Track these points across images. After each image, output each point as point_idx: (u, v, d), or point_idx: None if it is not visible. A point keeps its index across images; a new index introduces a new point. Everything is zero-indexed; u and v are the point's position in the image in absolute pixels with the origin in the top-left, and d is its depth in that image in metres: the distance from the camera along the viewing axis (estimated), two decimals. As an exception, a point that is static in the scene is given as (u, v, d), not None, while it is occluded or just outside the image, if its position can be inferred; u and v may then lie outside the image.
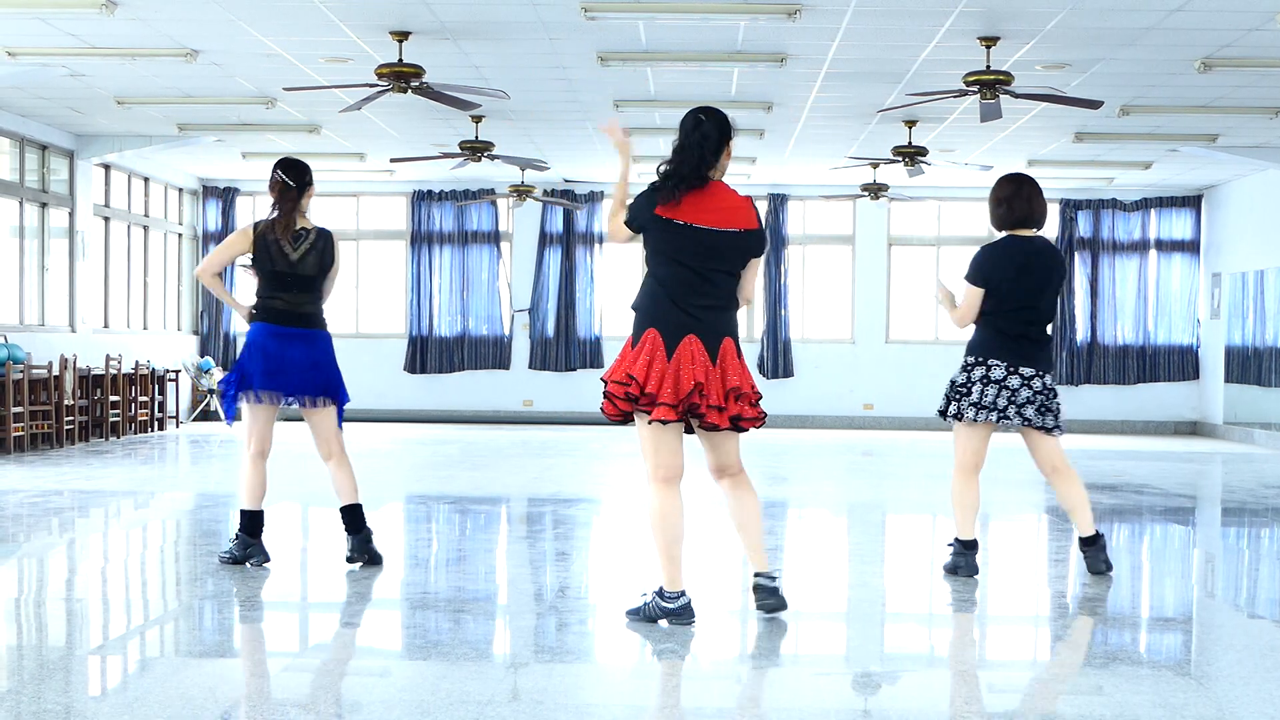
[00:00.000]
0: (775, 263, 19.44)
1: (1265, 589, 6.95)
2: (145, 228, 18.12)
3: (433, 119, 14.07)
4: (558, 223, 19.64)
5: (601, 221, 19.62)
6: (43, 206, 15.33)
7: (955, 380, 6.50)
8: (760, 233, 5.39)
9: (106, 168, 16.81)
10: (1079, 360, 19.38)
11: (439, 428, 18.33)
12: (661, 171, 5.37)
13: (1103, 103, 11.15)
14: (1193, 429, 19.45)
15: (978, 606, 6.22)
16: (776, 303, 19.41)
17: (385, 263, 19.79)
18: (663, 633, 5.27)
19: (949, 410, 6.51)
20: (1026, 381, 6.37)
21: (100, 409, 15.54)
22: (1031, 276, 6.40)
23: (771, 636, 5.33)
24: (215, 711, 4.13)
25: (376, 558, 6.76)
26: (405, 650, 5.16)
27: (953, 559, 6.65)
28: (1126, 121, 13.90)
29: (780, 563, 6.94)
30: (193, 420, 18.93)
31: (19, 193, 14.78)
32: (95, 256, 16.55)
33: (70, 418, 14.63)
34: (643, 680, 4.78)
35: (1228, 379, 18.38)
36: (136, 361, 16.56)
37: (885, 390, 19.51)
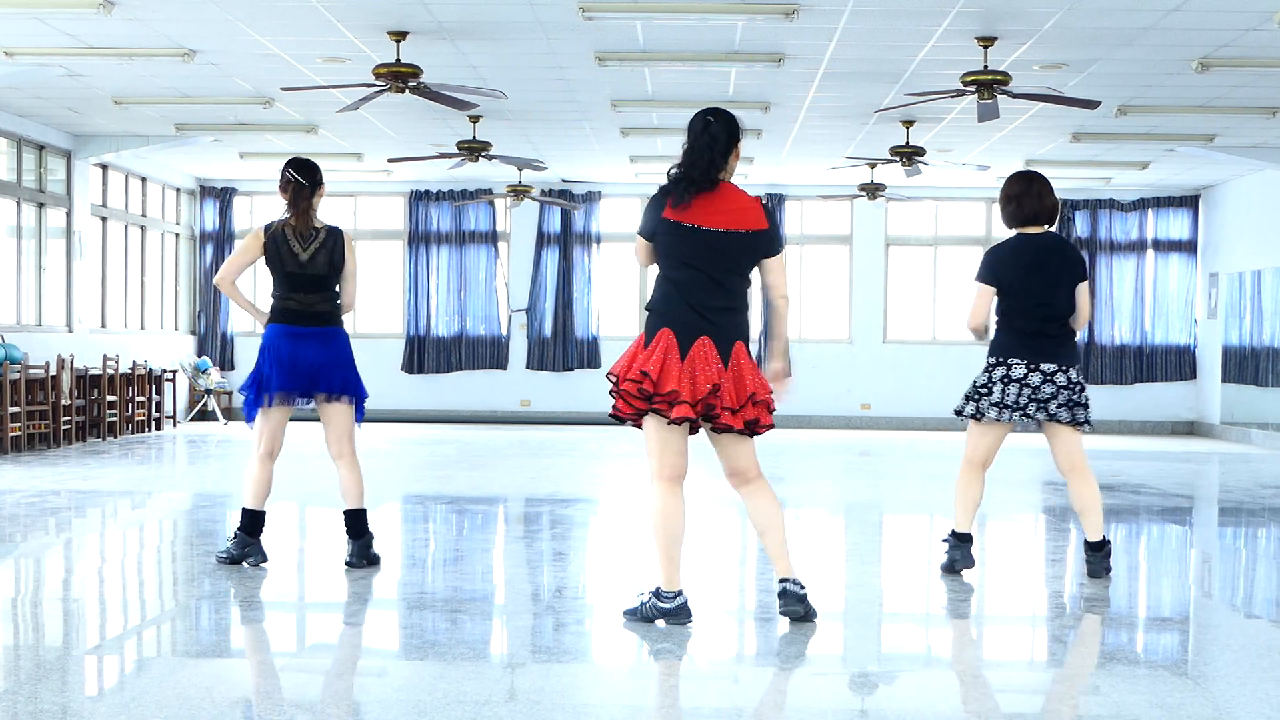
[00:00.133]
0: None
1: (1262, 589, 6.96)
2: (143, 228, 18.12)
3: (430, 119, 14.07)
4: (555, 223, 19.65)
5: (598, 222, 19.65)
6: (40, 206, 15.33)
7: (976, 381, 6.50)
8: (769, 233, 5.36)
9: (104, 168, 16.81)
10: (1076, 360, 19.39)
11: (436, 428, 18.33)
12: (671, 175, 5.33)
13: (1100, 103, 11.16)
14: (1190, 429, 19.47)
15: (975, 607, 6.22)
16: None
17: (383, 263, 19.79)
18: (660, 633, 5.28)
19: (966, 410, 6.49)
20: (1049, 377, 6.36)
21: (97, 409, 15.54)
22: (1042, 273, 6.40)
23: (768, 637, 5.33)
24: (212, 711, 4.12)
25: (375, 561, 6.77)
26: (402, 650, 5.16)
27: (948, 554, 6.67)
28: (1124, 121, 13.91)
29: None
30: (190, 420, 18.93)
31: (16, 193, 14.77)
32: (92, 256, 16.54)
33: (67, 418, 14.63)
34: (640, 680, 4.78)
35: (1225, 379, 18.39)
36: (134, 361, 16.56)
37: (882, 390, 19.52)
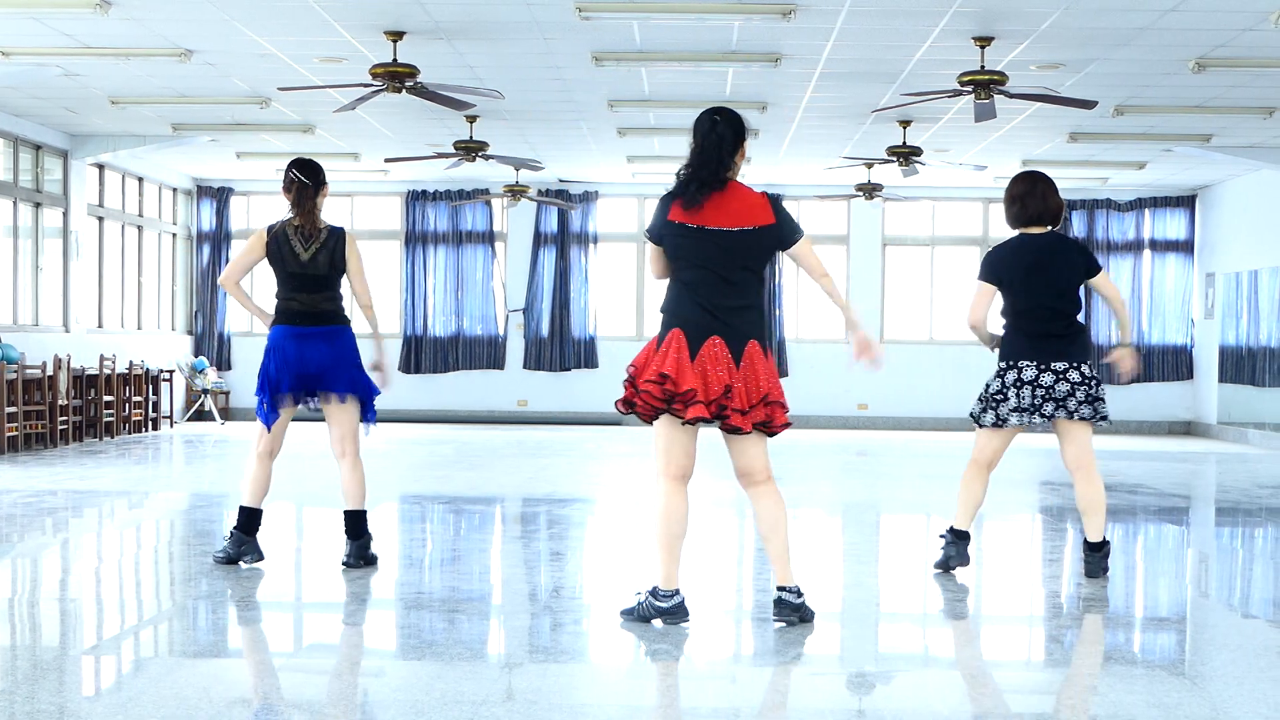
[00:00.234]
0: (770, 262, 19.45)
1: (1259, 589, 6.96)
2: (139, 228, 18.11)
3: (427, 119, 14.06)
4: (552, 223, 19.64)
5: (596, 222, 19.65)
6: (37, 206, 15.32)
7: (990, 387, 6.48)
8: (777, 227, 5.31)
9: (101, 167, 16.80)
10: (1073, 360, 19.40)
11: (434, 428, 18.32)
12: (681, 176, 5.29)
13: (1097, 103, 11.17)
14: (1187, 429, 19.48)
15: (973, 607, 6.22)
16: (770, 302, 19.41)
17: (380, 263, 19.76)
18: (657, 633, 5.27)
19: (985, 419, 6.45)
20: (1061, 375, 6.35)
21: (94, 409, 15.53)
22: (1044, 273, 6.38)
23: (766, 637, 5.33)
24: (210, 712, 4.12)
25: (372, 561, 6.77)
26: (400, 650, 5.16)
27: (944, 550, 6.68)
28: (1121, 121, 13.92)
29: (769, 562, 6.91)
30: (187, 420, 18.91)
31: (13, 192, 14.76)
32: (89, 256, 16.53)
33: (64, 418, 14.62)
34: (638, 680, 4.78)
35: (1222, 379, 18.40)
36: (131, 361, 16.55)
37: (880, 390, 19.52)
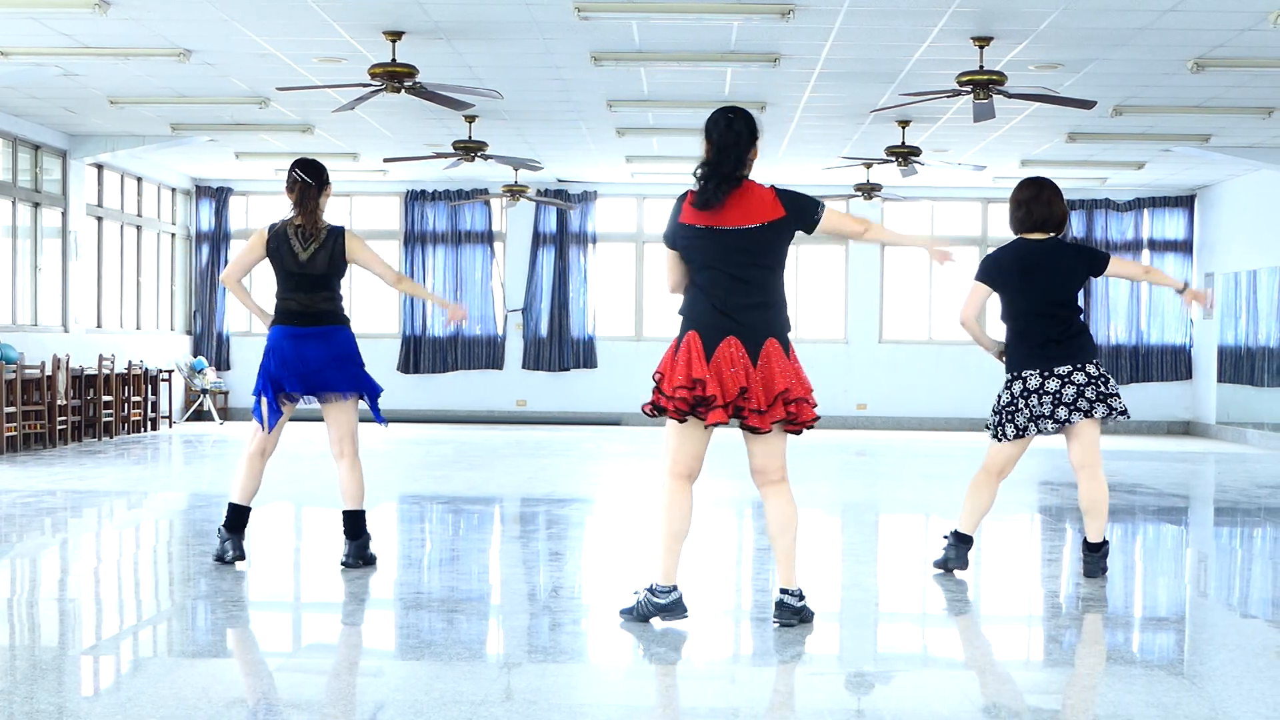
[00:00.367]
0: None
1: (1258, 589, 6.97)
2: (138, 228, 18.10)
3: (426, 119, 14.06)
4: (551, 223, 19.64)
5: (594, 221, 19.65)
6: (35, 206, 15.31)
7: (1001, 399, 6.47)
8: (788, 219, 5.25)
9: (100, 167, 16.79)
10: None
11: (432, 428, 18.32)
12: (700, 175, 5.25)
13: (1096, 103, 11.17)
14: (1185, 429, 19.49)
15: (972, 607, 6.23)
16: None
17: (379, 263, 19.74)
18: (657, 633, 5.27)
19: (1007, 433, 6.43)
20: (1067, 379, 6.33)
21: (93, 409, 15.52)
22: (1039, 278, 6.37)
23: (765, 637, 5.33)
24: (209, 712, 4.12)
25: (371, 561, 6.77)
26: (399, 650, 5.16)
27: (945, 551, 6.69)
28: (1119, 121, 13.92)
29: (772, 562, 6.91)
30: (186, 420, 18.91)
31: (12, 192, 14.76)
32: (88, 256, 16.52)
33: (63, 418, 14.61)
34: (637, 680, 4.78)
35: (1220, 379, 18.41)
36: (129, 361, 16.54)
37: (879, 390, 19.53)
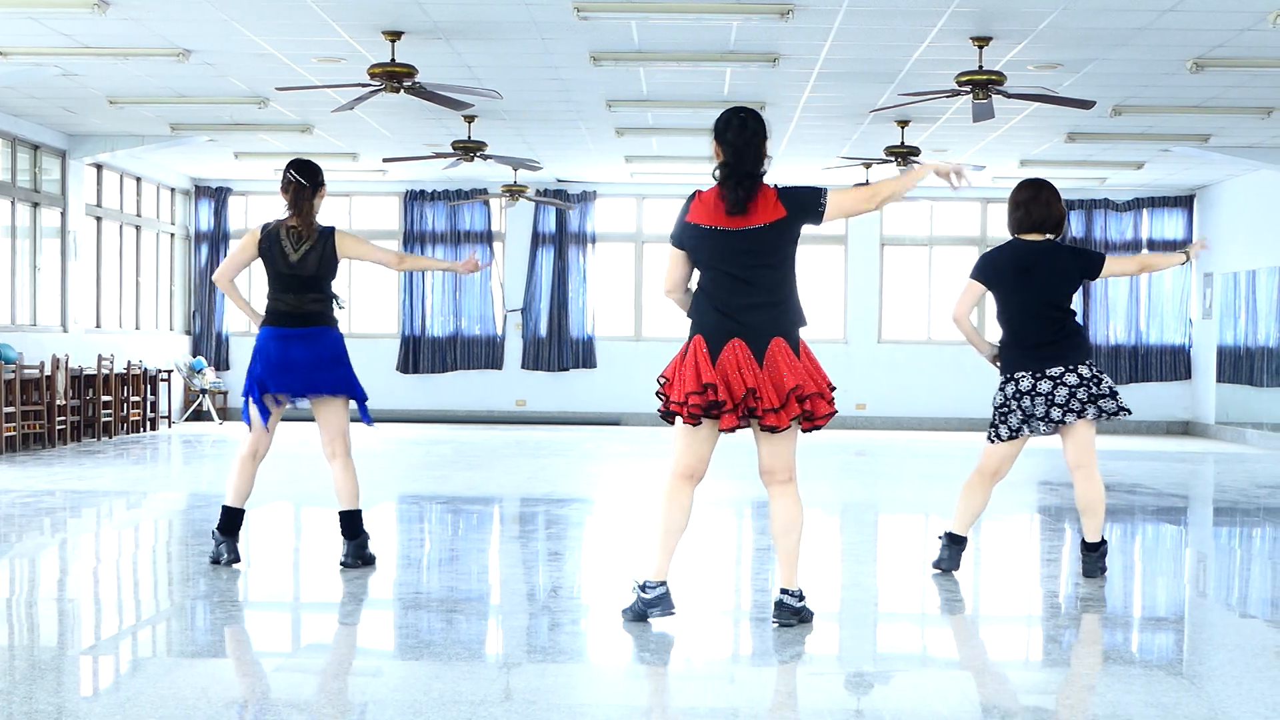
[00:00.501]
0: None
1: (1257, 589, 6.97)
2: (137, 228, 18.10)
3: (425, 119, 14.06)
4: (550, 223, 19.64)
5: (594, 222, 19.65)
6: (35, 206, 15.31)
7: (995, 403, 6.49)
8: (791, 218, 5.23)
9: (99, 167, 16.79)
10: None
11: (432, 428, 18.32)
12: (721, 177, 5.22)
13: (1095, 103, 11.17)
14: (1185, 429, 19.49)
15: (971, 607, 6.23)
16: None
17: (378, 263, 19.73)
18: (656, 633, 5.28)
19: (1001, 434, 6.43)
20: (1059, 380, 6.33)
21: (92, 409, 15.52)
22: (1033, 279, 6.37)
23: (764, 637, 5.33)
24: (208, 712, 4.12)
25: (370, 561, 6.77)
26: (398, 650, 5.16)
27: (939, 552, 6.71)
28: (1119, 121, 13.92)
29: (772, 562, 6.92)
30: (185, 420, 18.91)
31: (11, 192, 14.75)
32: (87, 256, 16.52)
33: (62, 418, 14.61)
34: (636, 680, 4.78)
35: (1220, 379, 18.41)
36: (129, 361, 16.54)
37: (878, 390, 19.52)
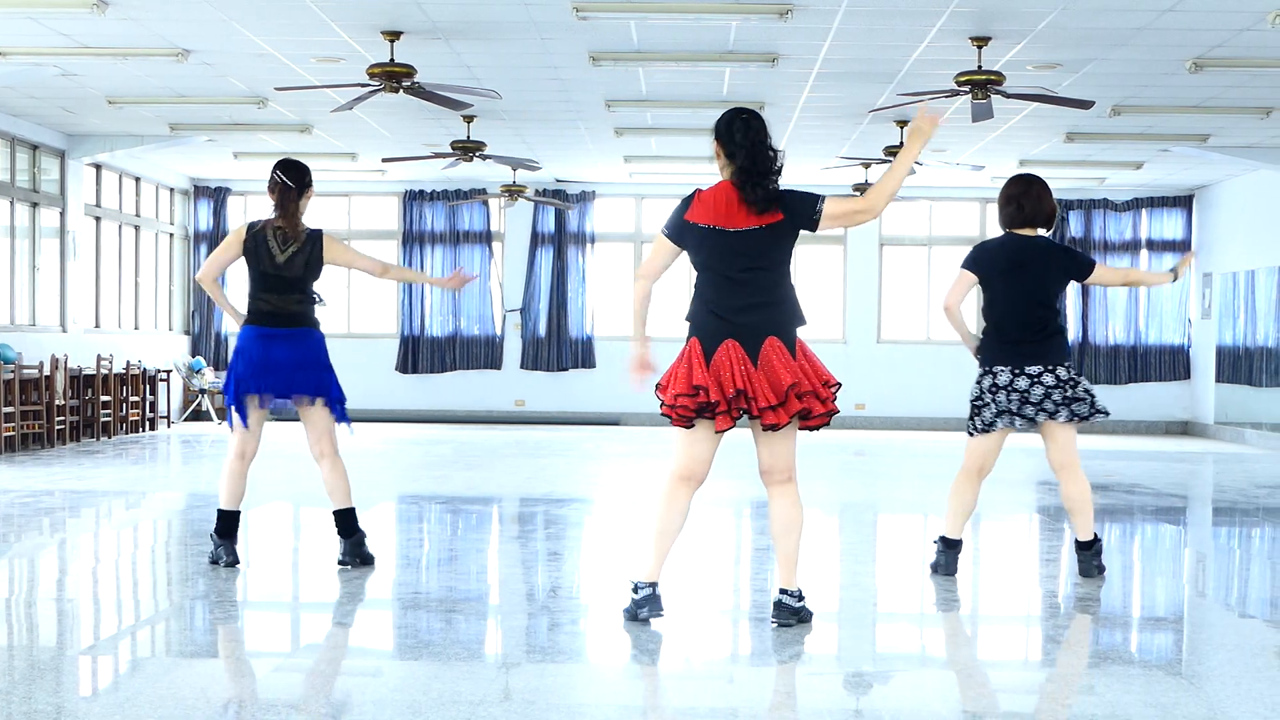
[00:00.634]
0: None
1: (1256, 589, 6.97)
2: (136, 227, 18.09)
3: (424, 119, 14.06)
4: (549, 223, 19.63)
5: (593, 221, 19.64)
6: (34, 206, 15.30)
7: (971, 395, 6.51)
8: (786, 221, 5.22)
9: (98, 167, 16.78)
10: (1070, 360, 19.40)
11: (431, 428, 18.32)
12: (739, 180, 5.19)
13: (1094, 103, 11.17)
14: (1184, 429, 19.49)
15: (970, 607, 6.23)
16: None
17: (377, 263, 19.72)
18: (655, 633, 5.27)
19: (976, 426, 6.46)
20: (1036, 379, 6.35)
21: (91, 409, 15.52)
22: (1023, 274, 6.39)
23: (764, 637, 5.33)
24: (207, 712, 4.12)
25: (369, 559, 6.76)
26: (397, 650, 5.16)
27: (935, 557, 6.70)
28: (1118, 121, 13.92)
29: (772, 562, 6.92)
30: (184, 420, 18.90)
31: (10, 192, 14.75)
32: (86, 256, 16.52)
33: (61, 418, 14.60)
34: (635, 680, 4.78)
35: (1219, 379, 18.41)
36: (128, 361, 16.53)
37: (877, 390, 19.52)
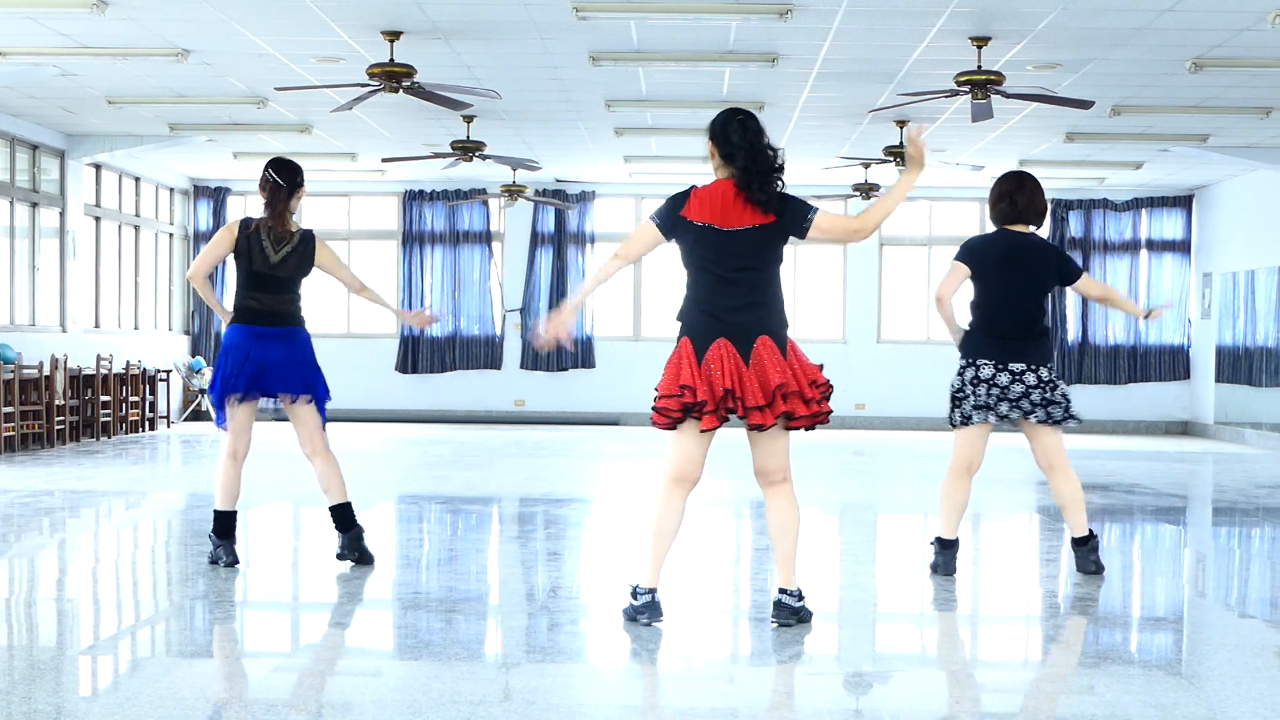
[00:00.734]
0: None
1: (1256, 589, 6.97)
2: (136, 228, 18.09)
3: (424, 119, 14.06)
4: (549, 222, 19.63)
5: (593, 222, 19.63)
6: (33, 206, 15.30)
7: (952, 386, 6.51)
8: (780, 223, 5.22)
9: (97, 167, 16.78)
10: (1070, 360, 19.42)
11: (431, 428, 18.32)
12: (743, 181, 5.19)
13: (1094, 103, 11.17)
14: (1184, 429, 19.49)
15: (969, 606, 6.23)
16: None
17: (377, 263, 19.76)
18: (654, 633, 5.27)
19: (954, 418, 6.49)
20: (1017, 377, 6.36)
21: (91, 409, 15.51)
22: (1014, 270, 6.39)
23: (763, 637, 5.33)
24: (206, 712, 4.12)
25: (367, 556, 6.74)
26: (397, 650, 5.16)
27: (933, 558, 6.70)
28: (1117, 121, 13.92)
29: (771, 562, 6.92)
30: (184, 420, 18.90)
31: (10, 192, 14.74)
32: (86, 256, 16.51)
33: (61, 418, 14.60)
34: (635, 680, 4.78)
35: (1218, 379, 18.41)
36: (127, 361, 16.53)
37: (877, 390, 19.52)
